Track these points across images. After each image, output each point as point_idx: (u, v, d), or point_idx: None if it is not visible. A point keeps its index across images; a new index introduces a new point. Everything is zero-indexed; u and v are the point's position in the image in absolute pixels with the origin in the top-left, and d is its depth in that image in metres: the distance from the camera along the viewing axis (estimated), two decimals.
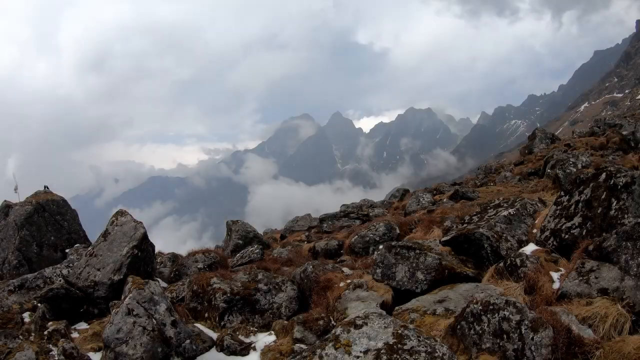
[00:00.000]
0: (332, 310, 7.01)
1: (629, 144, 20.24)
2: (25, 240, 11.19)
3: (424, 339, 4.33)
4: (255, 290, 7.94)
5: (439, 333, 5.30)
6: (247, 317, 7.65)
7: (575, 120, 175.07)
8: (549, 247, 6.77)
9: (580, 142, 24.95)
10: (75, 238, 12.47)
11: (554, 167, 17.20)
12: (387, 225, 11.69)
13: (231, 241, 14.77)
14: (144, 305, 5.99)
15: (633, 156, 16.85)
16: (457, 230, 8.30)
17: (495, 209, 8.89)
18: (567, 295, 5.19)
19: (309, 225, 19.45)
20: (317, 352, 4.34)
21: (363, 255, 11.06)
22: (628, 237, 5.06)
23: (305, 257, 11.92)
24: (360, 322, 4.57)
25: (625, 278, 4.87)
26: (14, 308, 7.62)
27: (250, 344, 6.71)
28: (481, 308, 4.80)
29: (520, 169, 23.07)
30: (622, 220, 5.86)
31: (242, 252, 12.11)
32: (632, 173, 6.16)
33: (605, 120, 30.81)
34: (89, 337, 7.15)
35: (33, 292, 8.60)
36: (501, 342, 4.51)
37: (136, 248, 8.87)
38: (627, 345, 4.17)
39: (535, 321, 4.39)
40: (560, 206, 7.14)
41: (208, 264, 10.50)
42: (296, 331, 6.51)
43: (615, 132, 23.32)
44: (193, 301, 7.96)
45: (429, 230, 10.50)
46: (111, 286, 8.40)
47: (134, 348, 5.60)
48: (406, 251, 7.38)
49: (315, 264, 8.61)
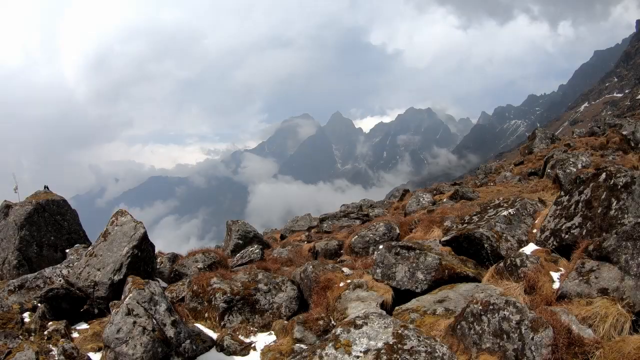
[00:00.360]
0: (332, 310, 7.01)
1: (629, 144, 20.21)
2: (25, 240, 11.18)
3: (424, 339, 4.33)
4: (255, 290, 7.94)
5: (439, 333, 5.30)
6: (247, 317, 7.65)
7: (575, 120, 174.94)
8: (549, 247, 6.76)
9: (580, 142, 24.94)
10: (75, 238, 12.45)
11: (554, 167, 17.20)
12: (387, 225, 11.68)
13: (231, 241, 14.77)
14: (144, 305, 5.99)
15: (633, 156, 16.83)
16: (457, 230, 8.30)
17: (495, 209, 8.89)
18: (567, 295, 5.19)
19: (309, 225, 19.46)
20: (317, 352, 4.34)
21: (363, 255, 11.06)
22: (628, 237, 5.06)
23: (305, 257, 11.91)
24: (360, 322, 4.57)
25: (625, 278, 4.87)
26: (14, 308, 7.61)
27: (250, 344, 6.71)
28: (481, 308, 4.80)
29: (520, 168, 23.08)
30: (622, 220, 5.86)
31: (242, 252, 12.11)
32: (632, 173, 6.15)
33: (605, 120, 30.79)
34: (89, 337, 7.15)
35: (33, 292, 8.59)
36: (501, 342, 4.51)
37: (136, 248, 8.87)
38: (627, 345, 4.17)
39: (535, 321, 4.39)
40: (560, 206, 7.14)
41: (208, 264, 10.50)
42: (296, 331, 6.52)
43: (615, 132, 23.29)
44: (193, 301, 7.96)
45: (429, 230, 10.50)
46: (111, 286, 8.40)
47: (134, 348, 5.60)
48: (406, 251, 7.38)
49: (315, 264, 8.61)
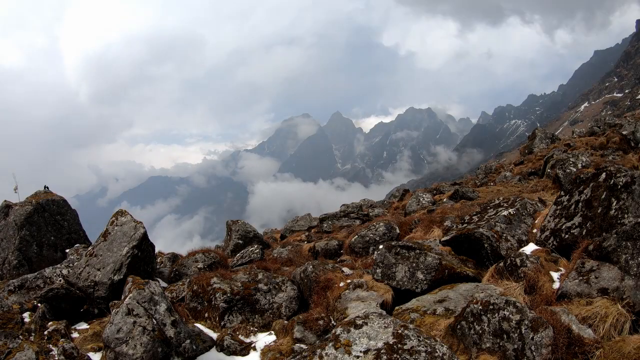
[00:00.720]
0: (332, 310, 7.01)
1: (629, 144, 20.21)
2: (25, 240, 11.19)
3: (424, 339, 4.33)
4: (256, 290, 7.94)
5: (439, 333, 5.30)
6: (247, 317, 7.65)
7: (575, 120, 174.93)
8: (549, 247, 6.76)
9: (580, 142, 24.94)
10: (76, 238, 12.46)
11: (554, 167, 17.20)
12: (387, 225, 11.68)
13: (231, 241, 14.77)
14: (144, 305, 5.99)
15: (633, 156, 16.83)
16: (457, 230, 8.30)
17: (495, 209, 8.89)
18: (567, 295, 5.18)
19: (309, 225, 19.45)
20: (317, 352, 4.34)
21: (363, 255, 11.06)
22: (628, 237, 5.06)
23: (305, 257, 11.91)
24: (360, 322, 4.57)
25: (625, 278, 4.87)
26: (14, 308, 7.61)
27: (250, 344, 6.71)
28: (481, 308, 4.80)
29: (520, 168, 23.08)
30: (622, 220, 5.86)
31: (242, 252, 12.10)
32: (632, 173, 6.15)
33: (605, 120, 30.78)
34: (89, 337, 7.15)
35: (33, 292, 8.60)
36: (501, 342, 4.51)
37: (136, 248, 8.87)
38: (627, 345, 4.17)
39: (535, 321, 4.39)
40: (560, 206, 7.13)
41: (208, 264, 10.50)
42: (296, 331, 6.52)
43: (615, 132, 23.30)
44: (193, 301, 7.96)
45: (429, 230, 10.50)
46: (111, 286, 8.40)
47: (134, 348, 5.60)
48: (406, 251, 7.38)
49: (315, 264, 8.60)
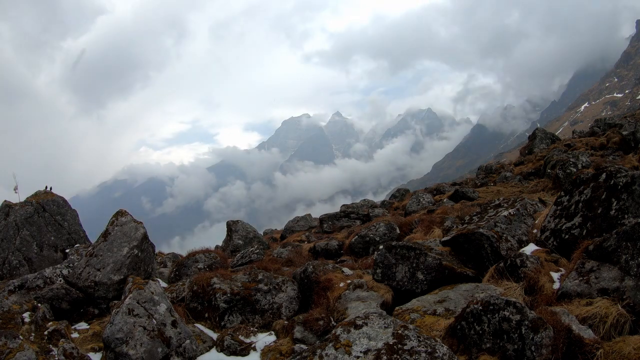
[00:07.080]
0: (332, 310, 7.01)
1: (629, 144, 20.21)
2: (25, 240, 11.20)
3: (424, 339, 4.33)
4: (256, 291, 7.94)
5: (439, 333, 5.30)
6: (248, 317, 7.65)
7: (575, 120, 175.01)
8: (549, 247, 6.76)
9: (580, 142, 24.95)
10: (76, 238, 12.47)
11: (554, 167, 17.22)
12: (387, 226, 11.68)
13: (231, 241, 14.78)
14: (144, 305, 5.99)
15: (633, 156, 16.85)
16: (457, 231, 8.29)
17: (496, 209, 8.89)
18: (567, 296, 5.18)
19: (309, 226, 19.46)
20: (317, 352, 4.33)
21: (363, 255, 11.06)
22: (628, 237, 5.05)
23: (305, 257, 11.91)
24: (361, 322, 4.57)
25: (626, 278, 4.87)
26: (14, 308, 7.61)
27: (250, 344, 6.71)
28: (481, 308, 4.79)
29: (520, 169, 23.09)
30: (622, 220, 5.86)
31: (243, 253, 12.11)
32: (632, 173, 6.15)
33: (605, 120, 30.80)
34: (89, 337, 7.15)
35: (33, 292, 8.59)
36: (501, 342, 4.51)
37: (136, 248, 8.87)
38: (628, 346, 4.17)
39: (535, 321, 4.38)
40: (560, 206, 7.13)
41: (208, 264, 10.50)
42: (296, 331, 6.52)
43: (615, 132, 23.31)
44: (193, 301, 7.96)
45: (429, 230, 10.50)
46: (111, 286, 8.41)
47: (134, 348, 5.60)
48: (406, 251, 7.37)
49: (315, 264, 8.61)
